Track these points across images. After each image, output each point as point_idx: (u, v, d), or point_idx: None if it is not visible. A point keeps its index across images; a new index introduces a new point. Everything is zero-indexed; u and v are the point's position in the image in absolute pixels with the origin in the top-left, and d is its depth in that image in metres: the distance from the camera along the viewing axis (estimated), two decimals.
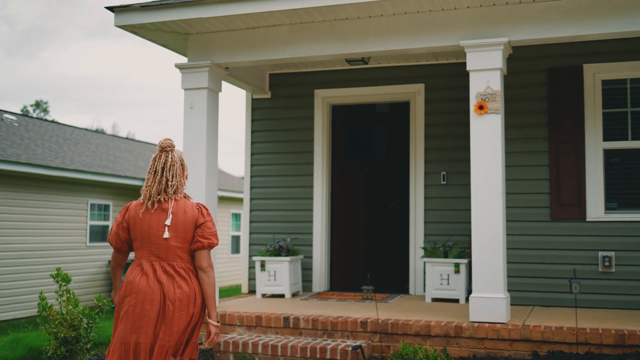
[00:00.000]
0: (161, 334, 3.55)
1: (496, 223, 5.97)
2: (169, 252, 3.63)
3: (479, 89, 6.10)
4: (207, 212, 3.77)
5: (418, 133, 7.99)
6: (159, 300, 3.57)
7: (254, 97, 8.71)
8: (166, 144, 3.79)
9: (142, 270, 3.63)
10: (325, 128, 8.38)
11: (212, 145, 7.02)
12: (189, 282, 3.64)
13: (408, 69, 8.13)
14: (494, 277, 5.94)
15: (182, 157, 3.83)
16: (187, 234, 3.67)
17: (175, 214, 3.66)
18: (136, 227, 3.68)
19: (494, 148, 6.03)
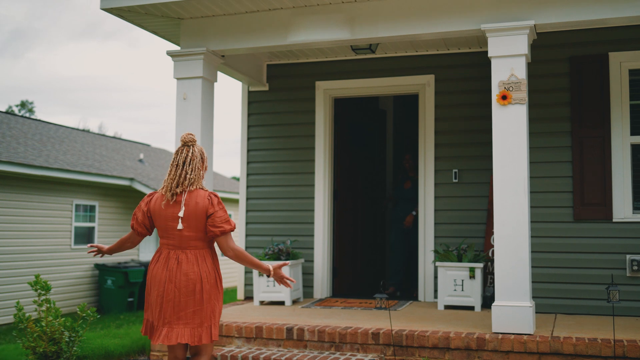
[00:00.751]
0: (169, 318, 3.86)
1: (521, 224, 5.43)
2: (182, 242, 3.92)
3: (501, 77, 5.56)
4: (218, 200, 3.97)
5: (427, 128, 7.44)
6: (166, 286, 3.87)
7: (251, 90, 8.13)
8: (188, 138, 4.04)
9: (158, 259, 3.96)
10: (327, 123, 7.82)
11: (207, 139, 6.44)
12: (197, 268, 3.90)
13: (417, 59, 7.58)
14: (519, 284, 5.40)
15: (202, 150, 4.09)
16: (199, 224, 3.92)
17: (187, 205, 3.91)
18: (156, 218, 4.00)
19: (519, 142, 5.48)
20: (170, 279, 3.88)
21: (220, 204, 3.97)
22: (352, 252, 7.95)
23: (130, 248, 4.25)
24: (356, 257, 7.99)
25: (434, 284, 7.29)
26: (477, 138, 7.26)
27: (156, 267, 3.95)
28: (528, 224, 5.43)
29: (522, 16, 5.51)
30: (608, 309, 6.35)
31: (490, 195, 7.14)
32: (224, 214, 3.95)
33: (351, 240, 7.98)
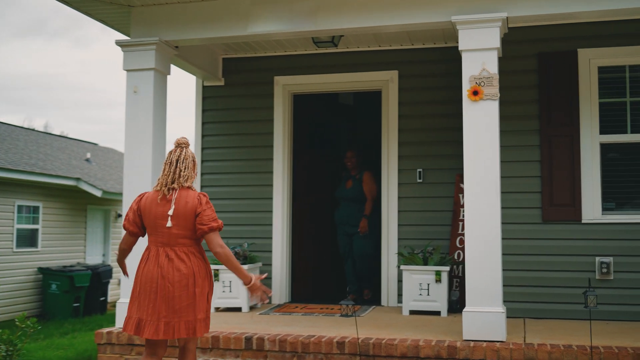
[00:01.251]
0: (164, 312, 3.93)
1: (493, 226, 5.19)
2: (171, 239, 4.03)
3: (473, 72, 5.30)
4: (206, 200, 4.10)
5: (391, 126, 7.16)
6: (159, 282, 3.96)
7: (206, 85, 7.72)
8: (182, 140, 4.23)
9: (148, 257, 4.07)
10: (286, 120, 7.46)
11: (160, 137, 6.02)
12: (188, 264, 4.01)
13: (380, 54, 7.29)
14: (491, 288, 5.15)
15: (194, 155, 4.24)
16: (187, 222, 4.02)
17: (177, 204, 4.03)
18: (146, 216, 4.10)
19: (491, 140, 5.24)
20: (163, 275, 3.98)
21: (209, 203, 4.11)
22: (313, 256, 7.62)
23: (128, 253, 4.31)
24: (318, 261, 7.66)
25: (397, 288, 7.00)
26: (443, 136, 7.01)
27: (147, 265, 4.05)
28: (500, 225, 5.19)
29: (494, 8, 5.27)
30: (577, 313, 6.17)
31: (455, 195, 6.90)
32: (212, 213, 4.07)
33: (313, 243, 7.65)
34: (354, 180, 7.49)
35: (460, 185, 6.89)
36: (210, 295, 4.14)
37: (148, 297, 3.99)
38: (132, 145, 5.92)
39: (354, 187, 7.50)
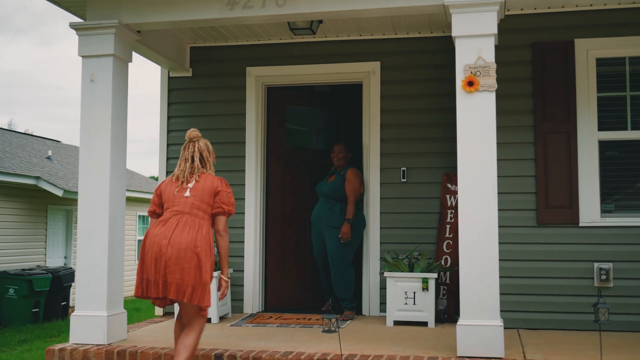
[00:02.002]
0: (162, 271, 4.12)
1: (490, 231, 4.70)
2: (185, 208, 4.26)
3: (467, 61, 4.81)
4: (226, 184, 4.45)
5: (373, 121, 6.64)
6: (162, 244, 4.14)
7: (172, 76, 7.12)
8: (193, 135, 4.51)
9: (158, 222, 4.29)
10: (259, 114, 6.91)
11: (120, 131, 5.42)
12: (194, 232, 4.18)
13: (361, 44, 6.76)
14: (488, 299, 4.66)
15: (207, 143, 4.57)
16: (204, 196, 4.31)
17: (197, 182, 4.36)
18: (165, 195, 4.39)
19: (487, 135, 4.75)
20: (166, 236, 4.16)
21: (229, 187, 4.44)
22: (289, 261, 7.06)
23: None
24: (294, 266, 7.10)
25: (380, 296, 6.49)
26: (428, 133, 6.52)
27: (155, 229, 4.24)
28: (497, 230, 4.71)
29: None
30: (576, 324, 5.74)
31: (442, 196, 6.41)
32: (232, 198, 4.41)
33: (289, 248, 7.09)
34: (337, 175, 6.56)
35: (448, 185, 6.40)
36: (211, 268, 4.24)
37: (152, 257, 4.16)
38: (89, 139, 5.31)
39: (334, 182, 6.51)
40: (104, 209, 5.25)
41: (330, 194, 6.49)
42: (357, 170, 6.50)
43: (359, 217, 6.44)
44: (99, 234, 5.24)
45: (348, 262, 6.38)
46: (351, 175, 6.43)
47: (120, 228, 5.41)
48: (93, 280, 5.22)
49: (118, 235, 5.37)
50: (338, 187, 6.45)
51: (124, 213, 5.48)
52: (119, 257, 5.38)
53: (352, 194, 6.37)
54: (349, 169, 6.49)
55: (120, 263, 5.41)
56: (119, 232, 5.38)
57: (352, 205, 6.34)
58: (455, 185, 6.37)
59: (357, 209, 6.43)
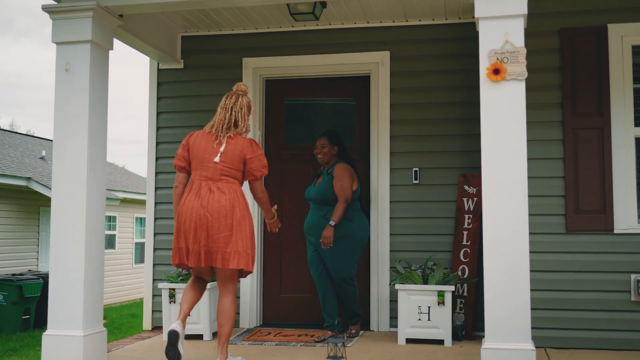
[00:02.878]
0: (204, 241, 4.12)
1: (519, 241, 4.10)
2: (216, 174, 4.21)
3: (493, 46, 4.21)
4: (256, 145, 4.31)
5: (381, 116, 6.04)
6: (199, 212, 4.12)
7: (162, 68, 6.52)
8: (240, 88, 4.48)
9: (191, 190, 4.24)
10: (258, 109, 6.30)
11: (99, 126, 4.82)
12: (228, 196, 4.16)
13: (369, 32, 6.16)
14: (518, 319, 4.06)
15: (249, 102, 4.46)
16: (234, 162, 4.23)
17: (228, 145, 4.24)
18: (194, 151, 4.29)
19: (516, 131, 4.15)
20: (203, 205, 4.12)
21: (260, 149, 4.32)
22: (289, 269, 6.43)
23: (182, 190, 4.35)
24: (295, 274, 6.47)
25: (389, 310, 5.89)
26: (443, 129, 5.92)
27: (189, 198, 4.20)
28: (527, 239, 4.09)
29: None
30: (610, 342, 5.13)
31: (459, 199, 5.80)
32: (264, 159, 4.33)
33: (289, 255, 6.46)
34: (324, 175, 5.50)
35: (465, 187, 5.80)
36: (251, 233, 4.22)
37: (189, 227, 4.13)
38: (63, 136, 4.72)
39: (322, 185, 5.44)
40: (80, 214, 4.65)
41: (319, 198, 5.43)
42: (345, 165, 5.42)
43: (358, 220, 5.43)
44: (74, 242, 4.64)
45: (352, 277, 5.46)
46: (339, 172, 5.35)
47: (99, 235, 4.81)
48: (67, 295, 4.62)
49: (96, 243, 4.77)
50: (326, 189, 5.39)
51: (103, 218, 4.88)
52: (97, 269, 4.78)
53: (341, 193, 5.27)
54: (337, 164, 5.43)
55: (99, 275, 4.81)
56: (97, 240, 4.78)
57: (341, 206, 5.24)
58: (473, 187, 5.76)
59: (354, 210, 5.42)
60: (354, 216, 5.40)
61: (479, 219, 5.70)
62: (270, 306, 6.35)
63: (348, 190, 5.31)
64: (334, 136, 5.54)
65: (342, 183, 5.30)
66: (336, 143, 5.51)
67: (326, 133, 5.58)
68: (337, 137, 5.55)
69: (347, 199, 5.27)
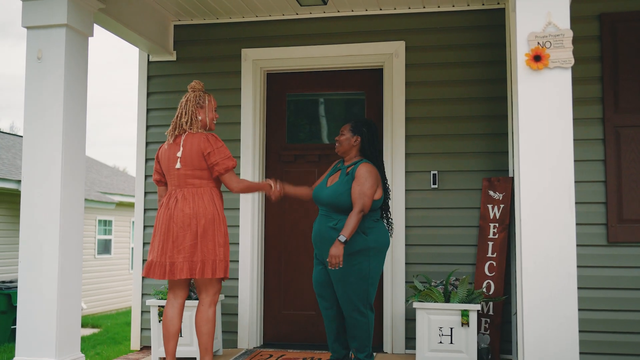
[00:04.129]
0: (169, 252, 3.99)
1: (566, 255, 3.46)
2: (181, 181, 4.08)
3: (533, 28, 3.58)
4: (215, 139, 4.07)
5: (396, 113, 5.42)
6: (167, 223, 4.02)
7: (152, 60, 5.91)
8: (190, 84, 4.26)
9: (163, 202, 4.15)
10: (258, 106, 5.69)
11: (75, 122, 4.21)
12: (192, 205, 4.01)
13: (382, 20, 5.55)
14: (564, 347, 3.42)
15: (200, 94, 4.21)
16: (195, 162, 4.04)
17: (184, 146, 4.06)
18: (162, 163, 4.21)
19: (561, 127, 3.52)
20: (170, 216, 4.02)
21: (219, 141, 4.07)
22: (293, 284, 5.80)
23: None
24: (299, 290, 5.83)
25: (405, 330, 5.27)
26: (465, 128, 5.31)
27: (160, 210, 4.12)
28: (574, 255, 3.47)
29: None
30: None
31: (482, 206, 5.19)
32: (225, 151, 4.06)
33: (293, 268, 5.83)
34: (342, 173, 4.42)
35: (489, 192, 5.18)
36: (222, 240, 4.03)
37: (159, 238, 4.04)
38: (34, 132, 4.12)
39: (337, 185, 4.34)
40: (53, 223, 4.04)
41: (332, 203, 4.31)
42: (372, 167, 4.36)
43: (376, 232, 4.33)
44: (45, 255, 4.03)
45: (368, 305, 4.32)
46: (362, 173, 4.28)
47: (76, 248, 4.20)
48: (38, 317, 4.01)
49: (73, 256, 4.15)
50: (342, 192, 4.28)
51: (81, 227, 4.27)
52: (73, 286, 4.17)
53: (359, 200, 4.19)
54: (361, 163, 4.37)
55: (76, 293, 4.19)
56: (73, 253, 4.16)
57: (355, 217, 4.15)
58: (500, 192, 5.14)
59: (371, 220, 4.32)
60: (370, 227, 4.30)
61: (506, 229, 5.08)
62: (271, 325, 5.72)
63: (368, 199, 4.21)
64: (359, 125, 4.47)
65: (363, 188, 4.22)
66: (360, 133, 4.43)
67: (353, 120, 4.57)
68: (365, 128, 4.46)
69: (364, 208, 4.19)
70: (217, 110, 4.44)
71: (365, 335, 4.32)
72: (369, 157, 4.45)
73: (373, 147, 4.45)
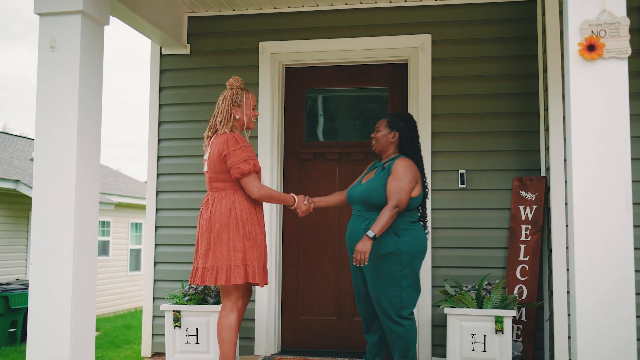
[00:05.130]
0: (196, 257, 3.97)
1: (623, 259, 3.23)
2: (209, 184, 4.00)
3: (587, 15, 3.34)
4: (234, 141, 3.85)
5: (421, 110, 5.18)
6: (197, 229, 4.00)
7: (165, 53, 5.65)
8: (227, 82, 4.10)
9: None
10: (276, 101, 5.45)
11: (91, 116, 3.95)
12: (210, 209, 3.89)
13: (407, 12, 5.31)
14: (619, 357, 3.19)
15: (237, 92, 4.04)
16: (216, 165, 3.90)
17: (211, 148, 3.96)
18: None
19: (618, 121, 3.28)
20: (199, 220, 3.99)
21: (238, 143, 3.86)
22: (312, 287, 5.55)
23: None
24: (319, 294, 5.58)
25: (431, 337, 5.02)
26: (494, 125, 5.08)
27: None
28: (632, 257, 3.23)
29: None
30: None
31: (513, 207, 4.95)
32: (242, 154, 3.85)
33: (314, 270, 5.58)
34: (378, 170, 4.15)
35: (521, 193, 4.95)
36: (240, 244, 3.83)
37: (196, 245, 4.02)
38: (47, 128, 3.84)
39: (372, 181, 4.10)
40: (68, 224, 3.77)
41: (365, 199, 4.05)
42: (410, 162, 4.07)
43: (410, 234, 4.01)
44: (59, 260, 3.75)
45: (402, 314, 3.99)
46: (399, 167, 4.00)
47: (91, 249, 3.93)
48: (50, 322, 3.74)
49: (88, 259, 3.89)
50: (376, 187, 4.02)
51: (96, 229, 4.00)
52: (88, 290, 3.90)
53: (395, 195, 3.90)
54: (398, 158, 4.10)
55: (90, 298, 3.93)
56: (89, 255, 3.90)
57: (389, 213, 3.85)
58: (532, 192, 4.91)
59: (406, 222, 4.02)
60: (404, 229, 3.99)
61: (539, 231, 4.84)
62: (289, 331, 5.47)
63: (405, 194, 3.91)
64: (397, 119, 4.18)
65: (400, 183, 3.92)
66: (398, 129, 4.15)
67: (390, 114, 4.34)
68: (403, 122, 4.17)
69: (399, 204, 3.88)
70: (256, 109, 4.19)
71: (404, 345, 4.01)
72: (407, 153, 4.17)
73: (412, 143, 4.18)
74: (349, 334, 5.38)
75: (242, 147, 3.84)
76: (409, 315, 4.01)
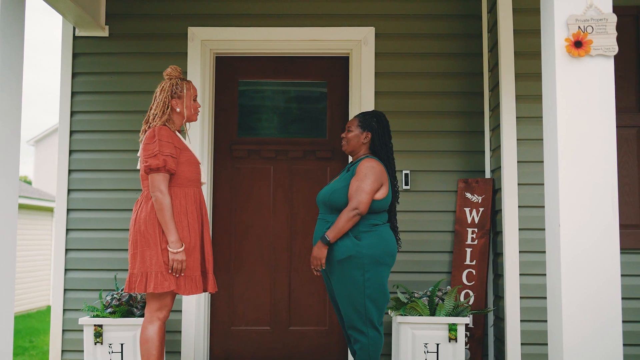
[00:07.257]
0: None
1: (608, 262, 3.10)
2: (141, 182, 3.67)
3: (573, 10, 3.19)
4: (151, 134, 3.53)
5: (364, 107, 4.91)
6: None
7: (79, 35, 5.05)
8: (164, 72, 3.79)
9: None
10: (207, 93, 4.99)
11: (9, 98, 3.35)
12: (135, 209, 3.61)
13: (349, 3, 5.03)
14: None
15: (174, 83, 3.71)
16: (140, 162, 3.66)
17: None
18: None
19: (603, 121, 3.16)
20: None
21: (154, 137, 3.50)
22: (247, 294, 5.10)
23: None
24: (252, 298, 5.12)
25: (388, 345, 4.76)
26: (439, 124, 4.91)
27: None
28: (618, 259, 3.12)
29: None
30: None
31: (458, 210, 4.79)
32: (153, 147, 3.48)
33: (247, 276, 5.13)
34: (344, 171, 3.92)
35: (466, 195, 4.79)
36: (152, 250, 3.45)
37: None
38: None
39: (337, 182, 3.84)
40: None
41: (326, 201, 3.76)
42: (376, 162, 3.77)
43: (373, 237, 3.69)
44: None
45: (369, 323, 3.66)
46: (363, 168, 3.72)
47: (10, 259, 3.33)
48: None
49: (5, 271, 3.28)
50: (338, 189, 3.74)
51: (15, 216, 3.39)
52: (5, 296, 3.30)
53: (355, 195, 3.63)
54: (364, 159, 3.81)
55: (7, 316, 3.32)
56: (6, 268, 3.30)
57: (346, 216, 3.60)
58: (478, 195, 4.77)
59: (369, 224, 3.70)
60: (365, 231, 3.67)
61: (486, 234, 4.71)
62: (219, 342, 5.03)
63: (365, 195, 3.63)
64: (369, 119, 3.90)
65: (361, 184, 3.65)
66: (370, 129, 3.87)
67: (361, 113, 3.99)
68: (374, 122, 3.90)
69: (359, 207, 3.60)
70: (196, 100, 3.76)
71: (365, 358, 3.69)
72: (379, 154, 3.87)
73: (384, 144, 3.88)
74: (285, 344, 5.02)
75: (158, 141, 3.49)
76: (375, 326, 3.69)
